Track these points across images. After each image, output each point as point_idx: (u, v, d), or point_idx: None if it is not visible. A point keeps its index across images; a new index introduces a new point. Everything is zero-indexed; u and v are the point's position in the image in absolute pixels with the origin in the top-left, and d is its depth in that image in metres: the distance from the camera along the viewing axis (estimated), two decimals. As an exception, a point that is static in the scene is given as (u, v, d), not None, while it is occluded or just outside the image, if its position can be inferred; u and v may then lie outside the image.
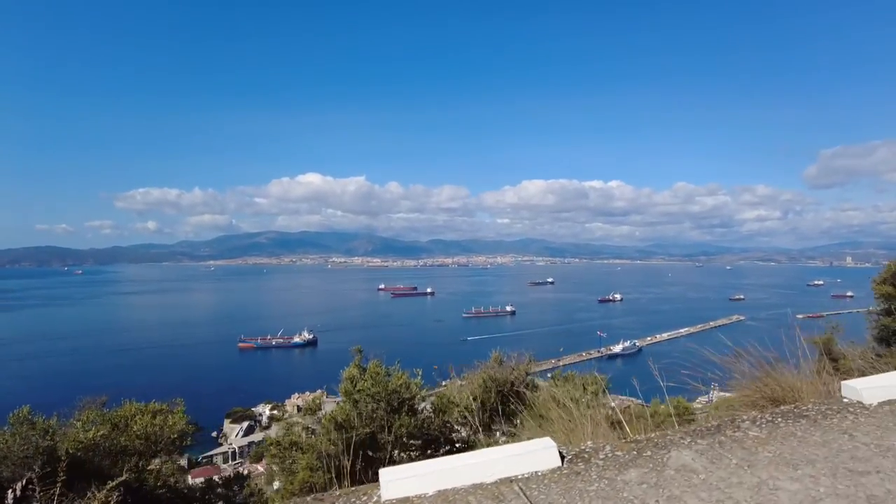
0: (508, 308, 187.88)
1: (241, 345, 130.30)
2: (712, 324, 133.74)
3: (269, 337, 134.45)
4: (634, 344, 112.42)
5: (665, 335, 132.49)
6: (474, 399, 7.14)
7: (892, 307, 8.14)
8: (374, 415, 5.80)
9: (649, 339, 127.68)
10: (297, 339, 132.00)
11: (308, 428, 6.26)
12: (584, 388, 6.80)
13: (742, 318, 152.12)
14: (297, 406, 65.91)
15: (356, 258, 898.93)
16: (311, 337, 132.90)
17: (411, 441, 6.08)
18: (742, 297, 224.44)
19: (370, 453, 5.49)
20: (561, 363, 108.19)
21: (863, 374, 5.19)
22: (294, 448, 5.56)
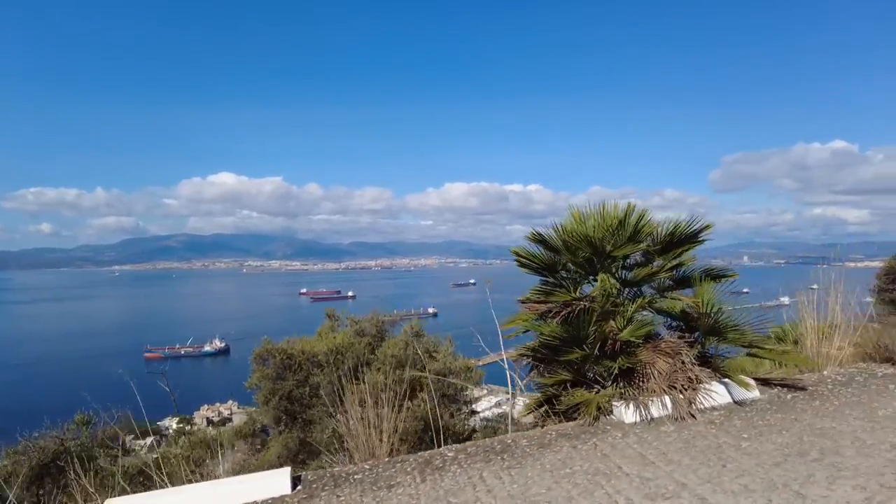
0: (430, 310, 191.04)
1: (147, 355, 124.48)
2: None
3: (177, 346, 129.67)
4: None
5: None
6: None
7: None
8: None
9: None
10: (207, 348, 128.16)
11: None
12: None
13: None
14: (208, 418, 65.46)
15: (274, 262, 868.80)
16: (223, 345, 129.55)
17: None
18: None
19: None
20: (481, 362, 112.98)
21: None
22: None
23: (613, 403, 4.25)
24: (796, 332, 5.41)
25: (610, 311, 4.67)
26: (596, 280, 5.01)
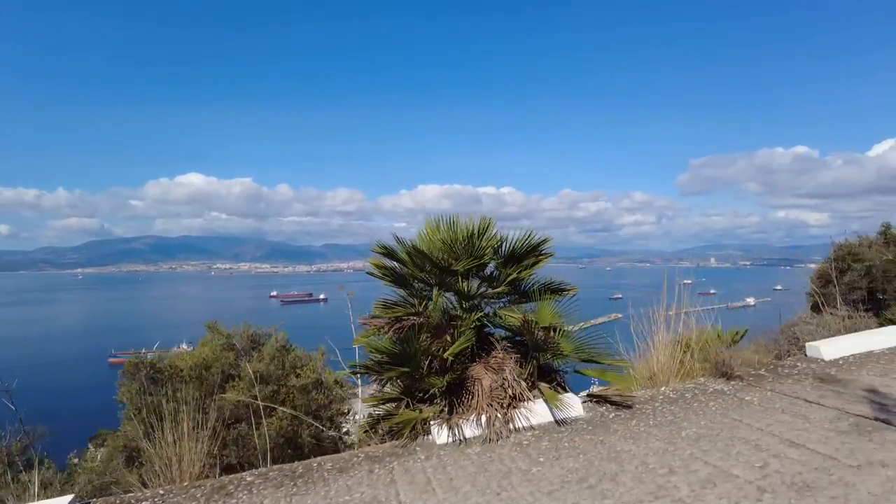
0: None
1: (112, 360, 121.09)
2: (592, 322, 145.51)
3: (143, 350, 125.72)
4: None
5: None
6: None
7: None
8: None
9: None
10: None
11: None
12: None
13: (620, 316, 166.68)
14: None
15: (243, 264, 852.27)
16: (190, 349, 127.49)
17: None
18: (620, 295, 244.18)
19: None
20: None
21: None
22: None
23: (431, 423, 4.11)
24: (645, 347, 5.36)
25: (444, 327, 4.56)
26: (447, 293, 4.91)
